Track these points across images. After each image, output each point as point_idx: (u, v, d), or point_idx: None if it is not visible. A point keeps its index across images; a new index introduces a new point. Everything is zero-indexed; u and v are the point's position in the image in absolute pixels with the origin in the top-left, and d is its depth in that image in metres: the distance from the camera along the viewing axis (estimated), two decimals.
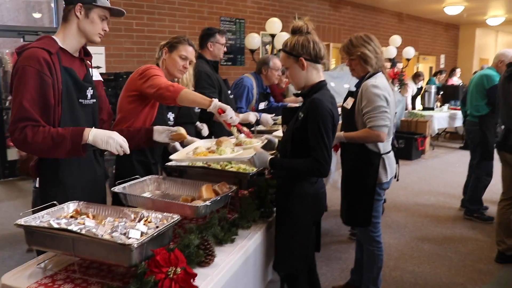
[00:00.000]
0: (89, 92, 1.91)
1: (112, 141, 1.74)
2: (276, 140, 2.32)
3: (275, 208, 2.13)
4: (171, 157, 2.07)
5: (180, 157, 2.09)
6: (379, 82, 2.53)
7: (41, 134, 1.67)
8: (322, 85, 1.98)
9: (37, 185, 1.92)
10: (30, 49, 1.73)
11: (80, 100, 1.86)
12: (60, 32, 1.85)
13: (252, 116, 3.24)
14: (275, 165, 1.98)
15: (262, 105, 4.20)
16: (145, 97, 2.32)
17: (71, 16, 1.82)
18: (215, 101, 2.07)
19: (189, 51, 2.50)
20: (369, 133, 2.48)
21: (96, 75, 2.06)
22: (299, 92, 2.06)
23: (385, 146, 2.60)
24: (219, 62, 3.45)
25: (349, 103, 2.64)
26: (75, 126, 1.79)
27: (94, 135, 1.73)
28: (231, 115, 2.07)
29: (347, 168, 2.72)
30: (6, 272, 1.50)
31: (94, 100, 1.95)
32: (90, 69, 1.98)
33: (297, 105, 4.28)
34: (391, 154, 2.69)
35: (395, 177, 2.76)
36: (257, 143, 2.20)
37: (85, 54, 1.96)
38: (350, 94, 2.73)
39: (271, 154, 2.06)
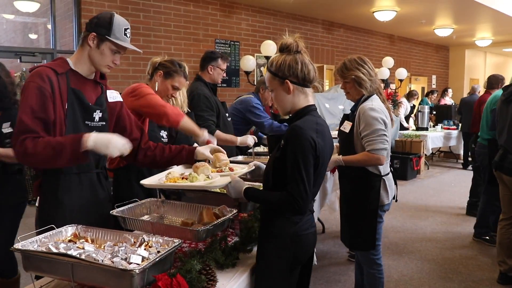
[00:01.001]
0: (97, 114, 1.91)
1: (111, 146, 1.68)
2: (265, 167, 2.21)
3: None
4: (142, 182, 1.95)
5: (151, 182, 1.97)
6: (376, 104, 2.53)
7: (41, 144, 1.65)
8: (308, 110, 1.76)
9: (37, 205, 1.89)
10: (38, 68, 1.77)
11: (86, 122, 1.87)
12: (75, 54, 1.89)
13: (250, 139, 3.24)
14: (249, 196, 1.76)
15: None
16: (139, 115, 2.33)
17: (85, 43, 1.85)
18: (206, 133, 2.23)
19: (182, 83, 2.60)
20: (368, 157, 2.47)
21: (114, 97, 2.04)
22: (283, 118, 1.89)
23: (385, 167, 2.59)
24: (217, 85, 3.48)
25: (347, 127, 2.63)
26: None
27: (95, 141, 1.67)
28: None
29: (347, 191, 2.69)
30: None
31: (103, 123, 1.95)
32: (106, 91, 1.99)
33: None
34: (390, 175, 2.69)
35: (393, 198, 2.75)
36: (243, 169, 2.08)
37: (101, 77, 1.97)
38: (346, 117, 2.72)
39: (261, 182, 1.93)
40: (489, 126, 4.24)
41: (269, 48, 6.68)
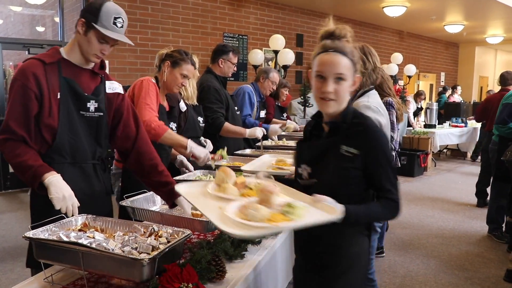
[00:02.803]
0: (92, 104, 1.84)
1: (65, 199, 1.64)
2: (272, 178, 1.74)
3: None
4: (182, 194, 1.60)
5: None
6: (373, 102, 2.20)
7: (15, 153, 1.68)
8: (353, 107, 1.62)
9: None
10: (26, 61, 1.76)
11: (81, 112, 1.82)
12: (69, 43, 1.84)
13: (259, 132, 3.24)
14: (350, 218, 1.39)
15: (262, 113, 4.23)
16: None
17: (76, 30, 1.80)
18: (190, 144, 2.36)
19: (190, 70, 2.57)
20: None
21: (113, 88, 1.97)
22: (332, 120, 1.56)
23: None
24: (227, 78, 3.47)
25: None
26: (74, 137, 1.79)
27: (51, 184, 1.64)
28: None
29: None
30: (7, 285, 1.47)
31: (101, 114, 1.88)
32: (106, 82, 1.93)
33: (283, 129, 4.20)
34: None
35: None
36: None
37: (101, 67, 1.92)
38: None
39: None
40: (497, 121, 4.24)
41: (277, 42, 6.66)
